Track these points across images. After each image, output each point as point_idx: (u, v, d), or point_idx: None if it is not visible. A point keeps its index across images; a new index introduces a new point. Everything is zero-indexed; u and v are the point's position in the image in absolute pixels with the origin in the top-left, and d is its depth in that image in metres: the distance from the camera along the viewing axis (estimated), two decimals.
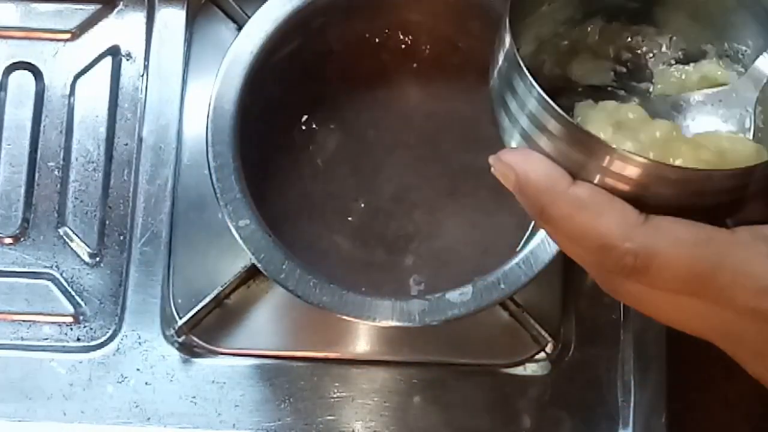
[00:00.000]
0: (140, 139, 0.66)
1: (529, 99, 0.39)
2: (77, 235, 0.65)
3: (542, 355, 0.63)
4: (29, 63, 0.68)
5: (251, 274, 0.63)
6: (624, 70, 0.48)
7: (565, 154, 0.38)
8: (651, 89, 0.48)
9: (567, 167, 0.38)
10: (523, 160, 0.38)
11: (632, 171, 0.37)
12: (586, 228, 0.37)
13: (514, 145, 0.40)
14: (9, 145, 0.66)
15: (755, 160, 0.40)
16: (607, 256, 0.37)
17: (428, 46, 0.64)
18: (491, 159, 0.40)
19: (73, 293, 0.64)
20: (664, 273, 0.37)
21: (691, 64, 0.46)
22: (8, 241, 0.65)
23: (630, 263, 0.37)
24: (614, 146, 0.37)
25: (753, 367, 0.39)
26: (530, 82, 0.38)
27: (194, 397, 0.62)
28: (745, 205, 0.40)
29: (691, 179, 0.38)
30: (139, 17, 0.68)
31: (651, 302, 0.39)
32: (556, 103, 0.38)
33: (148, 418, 0.62)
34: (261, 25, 0.60)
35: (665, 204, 0.38)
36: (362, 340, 0.63)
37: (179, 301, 0.63)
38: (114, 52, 0.68)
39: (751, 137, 0.43)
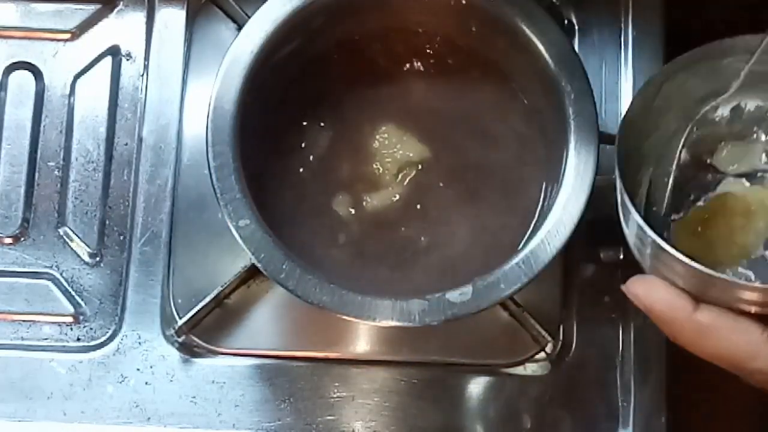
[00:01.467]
0: (140, 139, 0.66)
1: (648, 240, 0.42)
2: (77, 235, 0.65)
3: (542, 355, 0.63)
4: (29, 63, 0.68)
5: (251, 274, 0.63)
6: None
7: (686, 280, 0.41)
8: None
9: (690, 289, 0.41)
10: (645, 292, 0.41)
11: (752, 296, 0.40)
12: (713, 352, 0.40)
13: (645, 264, 0.44)
14: (9, 145, 0.66)
15: None
16: (739, 373, 0.40)
17: (429, 46, 0.64)
18: (623, 287, 0.43)
19: (73, 293, 0.64)
20: None
21: None
22: (8, 241, 0.65)
23: (760, 379, 0.39)
24: (731, 279, 0.40)
25: None
26: (640, 222, 0.42)
27: (194, 397, 0.62)
28: None
29: None
30: (139, 17, 0.68)
31: None
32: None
33: (148, 418, 0.62)
34: (261, 25, 0.60)
35: None
36: (362, 340, 0.63)
37: (179, 301, 0.63)
38: (114, 52, 0.68)
39: None
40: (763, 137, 0.51)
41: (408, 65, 0.64)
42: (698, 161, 0.51)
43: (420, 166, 0.62)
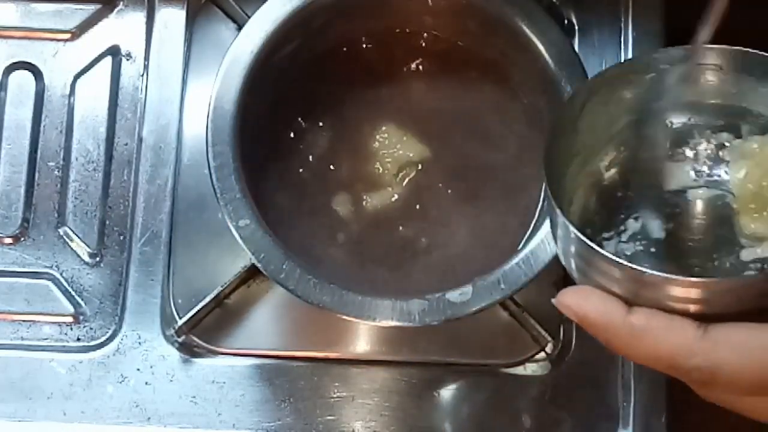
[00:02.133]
0: (140, 139, 0.66)
1: (571, 240, 0.42)
2: (77, 235, 0.65)
3: (542, 355, 0.63)
4: (29, 63, 0.68)
5: (251, 274, 0.63)
6: (704, 168, 0.50)
7: (618, 283, 0.40)
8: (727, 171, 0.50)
9: (622, 293, 0.40)
10: (577, 300, 0.41)
11: (684, 292, 0.39)
12: (649, 354, 0.39)
13: (575, 275, 0.44)
14: (9, 145, 0.66)
15: None
16: (678, 373, 0.39)
17: (429, 46, 0.64)
18: (554, 301, 0.43)
19: (73, 293, 0.64)
20: (732, 383, 0.38)
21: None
22: (8, 241, 0.65)
23: (698, 377, 0.39)
24: (663, 275, 0.39)
25: None
26: (567, 225, 0.42)
27: (194, 397, 0.62)
28: None
29: (748, 286, 0.39)
30: (139, 17, 0.68)
31: (740, 407, 0.40)
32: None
33: (148, 418, 0.61)
34: (261, 25, 0.60)
35: (726, 311, 0.39)
36: (362, 340, 0.63)
37: (179, 301, 0.63)
38: (114, 52, 0.68)
39: None
40: (690, 154, 0.51)
41: (408, 65, 0.64)
42: (626, 180, 0.51)
43: (420, 166, 0.62)
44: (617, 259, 0.40)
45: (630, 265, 0.40)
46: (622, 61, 0.50)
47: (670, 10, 0.67)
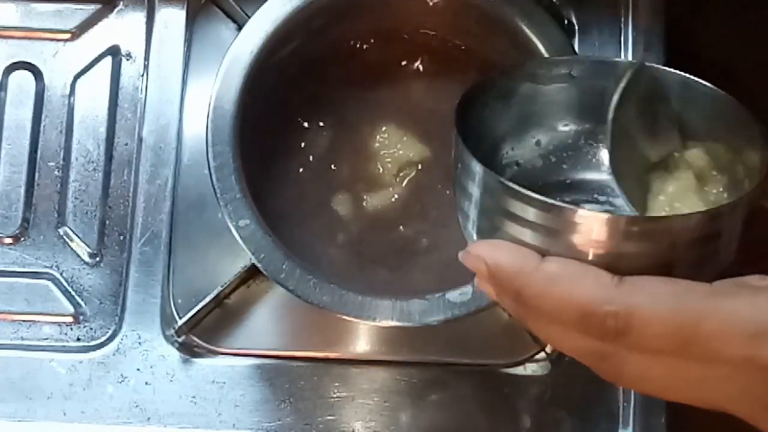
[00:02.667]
0: (140, 139, 0.66)
1: (481, 182, 0.41)
2: (77, 235, 0.65)
3: (542, 355, 0.63)
4: (29, 63, 0.68)
5: (251, 274, 0.63)
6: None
7: (530, 234, 0.39)
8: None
9: (535, 247, 0.39)
10: (490, 249, 0.39)
11: (597, 231, 0.38)
12: (562, 300, 0.37)
13: (477, 237, 0.42)
14: (9, 145, 0.66)
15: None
16: (589, 324, 0.37)
17: (428, 46, 0.64)
18: (460, 255, 0.41)
19: (73, 293, 0.64)
20: (646, 330, 0.36)
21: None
22: (8, 241, 0.65)
23: (612, 326, 0.37)
24: (573, 207, 0.38)
25: None
26: (476, 164, 0.41)
27: (194, 397, 0.62)
28: (722, 260, 0.40)
29: (655, 229, 0.38)
30: (139, 17, 0.68)
31: (645, 374, 0.38)
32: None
33: (148, 418, 0.62)
34: (261, 25, 0.60)
35: (641, 264, 0.38)
36: (362, 340, 0.63)
37: (179, 301, 0.63)
38: (114, 52, 0.68)
39: None
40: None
41: (408, 65, 0.64)
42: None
43: (420, 166, 0.62)
44: (534, 195, 0.38)
45: (552, 201, 0.38)
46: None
47: (670, 10, 0.67)
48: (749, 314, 0.36)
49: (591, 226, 0.38)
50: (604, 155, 0.49)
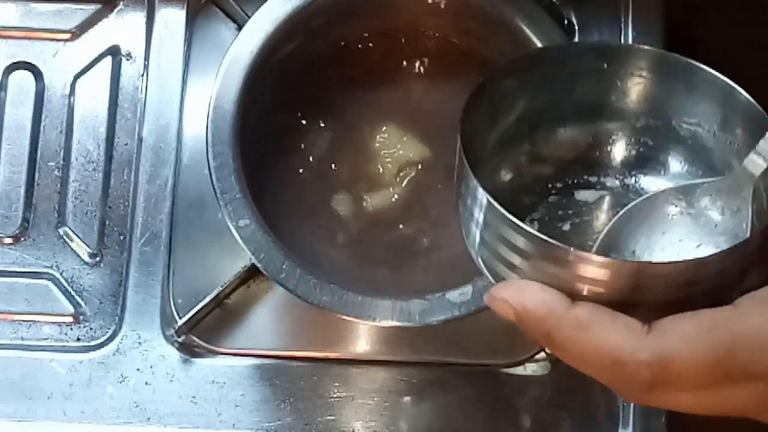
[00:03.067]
0: (140, 139, 0.66)
1: (502, 227, 0.39)
2: (77, 235, 0.65)
3: (542, 355, 0.63)
4: (29, 63, 0.68)
5: (251, 274, 0.63)
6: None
7: (554, 276, 0.38)
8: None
9: (561, 288, 0.38)
10: (516, 293, 0.38)
11: (618, 277, 0.37)
12: (593, 348, 0.37)
13: (502, 275, 0.41)
14: (9, 145, 0.66)
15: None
16: (622, 372, 0.37)
17: (429, 46, 0.64)
18: (486, 299, 0.40)
19: (73, 293, 0.64)
20: (684, 375, 0.36)
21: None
22: (8, 241, 0.65)
23: (647, 376, 0.36)
24: (589, 256, 0.37)
25: None
26: (498, 209, 0.39)
27: (194, 397, 0.62)
28: (744, 278, 0.40)
29: (680, 271, 0.38)
30: (139, 17, 0.68)
31: (684, 404, 0.38)
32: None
33: (148, 418, 0.61)
34: (261, 25, 0.60)
35: (665, 302, 0.38)
36: (362, 340, 0.63)
37: (179, 301, 0.63)
38: (114, 52, 0.68)
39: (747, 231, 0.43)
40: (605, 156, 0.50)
41: (408, 65, 0.64)
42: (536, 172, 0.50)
43: (420, 166, 0.62)
44: (556, 243, 0.38)
45: (591, 254, 0.38)
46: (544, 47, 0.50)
47: (670, 10, 0.67)
48: None
49: (608, 270, 0.38)
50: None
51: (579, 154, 0.50)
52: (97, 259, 0.65)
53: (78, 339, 0.63)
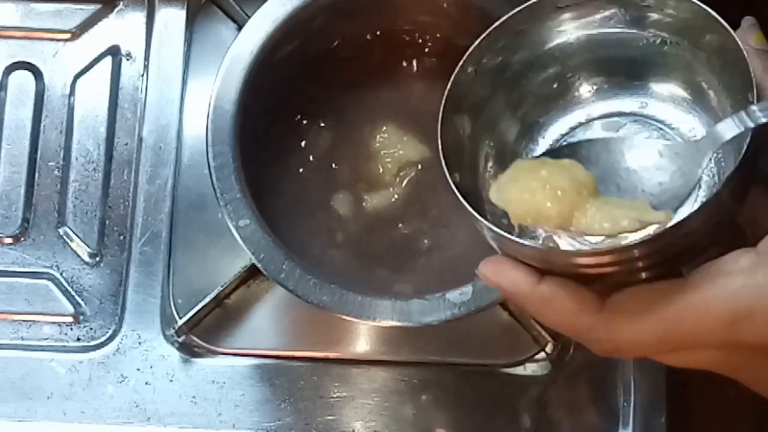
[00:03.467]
0: (140, 139, 0.66)
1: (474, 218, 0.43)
2: (77, 235, 0.65)
3: (542, 355, 0.63)
4: (29, 63, 0.68)
5: (251, 274, 0.63)
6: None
7: (525, 255, 0.41)
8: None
9: (534, 262, 0.41)
10: (492, 271, 0.42)
11: (586, 261, 0.40)
12: (557, 321, 0.41)
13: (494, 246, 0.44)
14: (9, 145, 0.66)
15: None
16: (583, 341, 0.41)
17: (429, 46, 0.64)
18: (477, 271, 0.43)
19: (73, 293, 0.64)
20: (634, 349, 0.40)
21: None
22: (8, 241, 0.65)
23: (603, 349, 0.40)
24: (535, 245, 0.42)
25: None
26: (466, 206, 0.43)
27: (194, 397, 0.62)
28: (699, 250, 0.41)
29: (613, 254, 0.39)
30: (139, 17, 0.68)
31: (648, 358, 0.41)
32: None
33: (148, 418, 0.62)
34: (261, 25, 0.60)
35: (618, 274, 0.40)
36: (362, 340, 0.63)
37: (179, 301, 0.63)
38: (114, 52, 0.68)
39: (696, 197, 0.44)
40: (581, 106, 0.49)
41: (408, 65, 0.64)
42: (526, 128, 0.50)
43: (420, 166, 0.62)
44: (515, 238, 0.41)
45: (520, 240, 0.41)
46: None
47: None
48: (723, 304, 0.37)
49: (561, 260, 0.41)
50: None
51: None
52: (97, 259, 0.65)
53: (78, 339, 0.63)
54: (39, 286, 0.64)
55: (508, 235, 0.41)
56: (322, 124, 0.63)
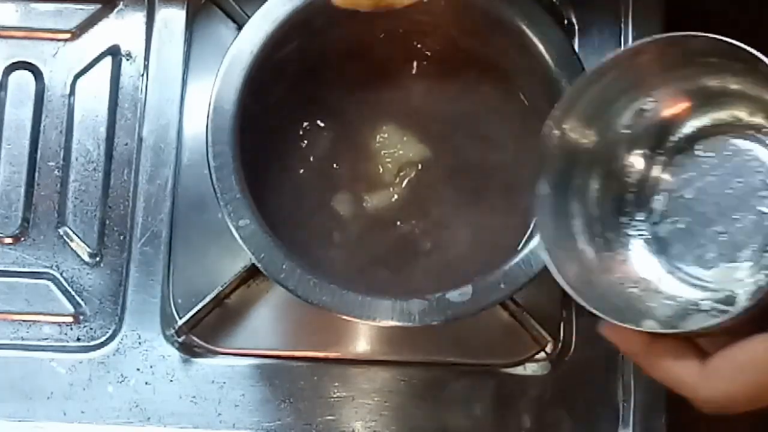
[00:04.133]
0: (140, 139, 0.66)
1: None
2: (77, 235, 0.65)
3: (542, 355, 0.63)
4: (29, 63, 0.68)
5: (251, 274, 0.63)
6: None
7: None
8: None
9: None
10: (609, 334, 0.48)
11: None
12: (663, 381, 0.46)
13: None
14: (9, 145, 0.66)
15: None
16: (691, 401, 0.45)
17: (429, 46, 0.64)
18: (598, 328, 0.49)
19: (73, 293, 0.64)
20: (732, 406, 0.44)
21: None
22: (8, 241, 0.65)
23: (707, 409, 0.44)
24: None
25: None
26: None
27: (194, 397, 0.62)
28: None
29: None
30: (139, 17, 0.68)
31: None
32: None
33: (148, 418, 0.62)
34: (261, 25, 0.60)
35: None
36: (362, 340, 0.63)
37: (179, 301, 0.63)
38: (114, 52, 0.68)
39: None
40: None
41: (408, 65, 0.64)
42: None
43: (420, 166, 0.62)
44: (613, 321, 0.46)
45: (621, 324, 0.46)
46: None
47: (670, 10, 0.67)
48: None
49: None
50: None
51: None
52: (97, 259, 0.65)
53: (78, 339, 0.63)
54: (39, 286, 0.64)
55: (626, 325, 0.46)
56: (322, 124, 0.63)
